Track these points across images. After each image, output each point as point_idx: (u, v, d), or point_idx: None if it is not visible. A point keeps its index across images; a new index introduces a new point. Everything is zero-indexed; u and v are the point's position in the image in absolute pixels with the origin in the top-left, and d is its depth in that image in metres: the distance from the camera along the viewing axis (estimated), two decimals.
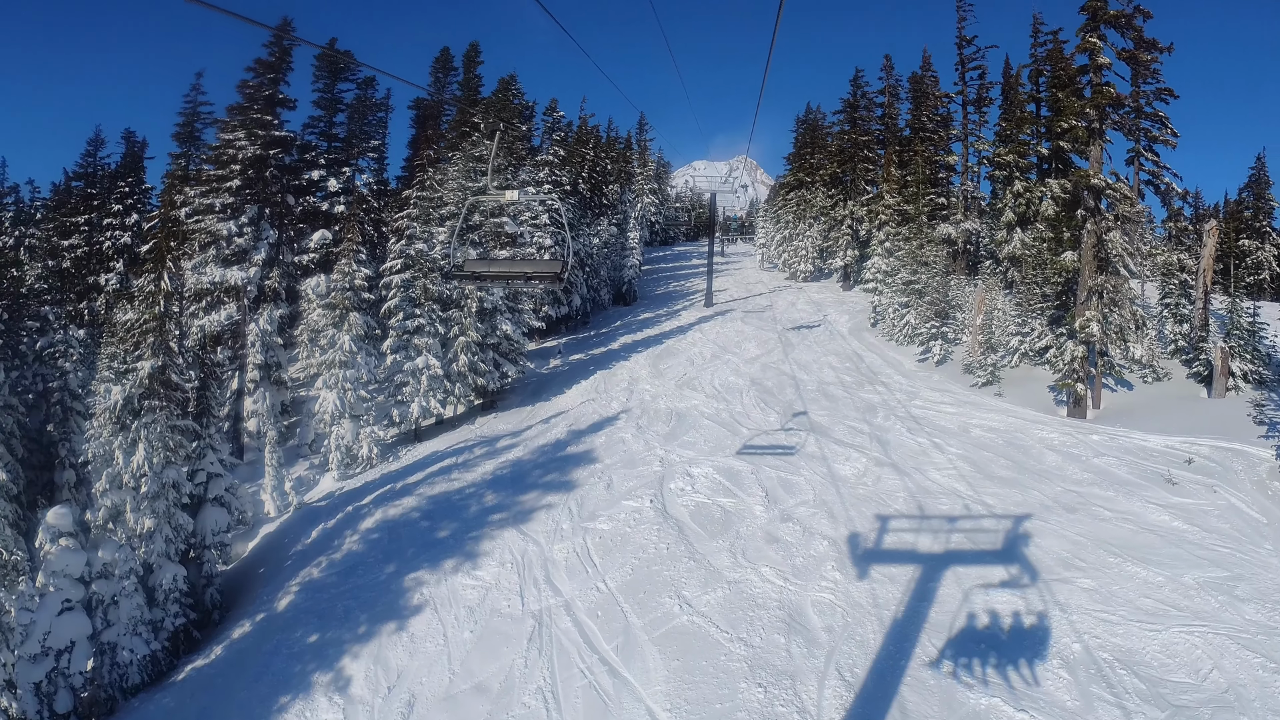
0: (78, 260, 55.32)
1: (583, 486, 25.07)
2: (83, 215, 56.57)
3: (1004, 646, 14.53)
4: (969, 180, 53.19)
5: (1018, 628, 15.09)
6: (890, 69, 69.38)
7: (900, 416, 29.06)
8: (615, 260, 70.71)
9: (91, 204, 57.09)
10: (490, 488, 26.62)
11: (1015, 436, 26.19)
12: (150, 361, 24.26)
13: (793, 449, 25.87)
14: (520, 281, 12.47)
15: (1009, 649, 14.45)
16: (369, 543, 24.91)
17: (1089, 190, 27.73)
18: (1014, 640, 14.72)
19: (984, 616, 15.50)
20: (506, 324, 38.03)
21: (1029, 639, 14.70)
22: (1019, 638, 14.79)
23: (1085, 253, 27.98)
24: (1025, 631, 14.98)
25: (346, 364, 34.15)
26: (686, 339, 49.06)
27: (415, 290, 36.19)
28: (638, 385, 38.31)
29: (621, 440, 29.36)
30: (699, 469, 24.94)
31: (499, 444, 31.96)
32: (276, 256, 46.97)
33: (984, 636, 14.85)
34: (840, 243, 68.46)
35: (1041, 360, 32.98)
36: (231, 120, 48.30)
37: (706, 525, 20.94)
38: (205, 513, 26.24)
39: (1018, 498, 21.09)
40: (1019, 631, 14.99)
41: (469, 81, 52.96)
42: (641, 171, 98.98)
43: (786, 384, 35.52)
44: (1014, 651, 14.35)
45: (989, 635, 14.88)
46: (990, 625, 15.19)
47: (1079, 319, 27.87)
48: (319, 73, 54.05)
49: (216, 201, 46.03)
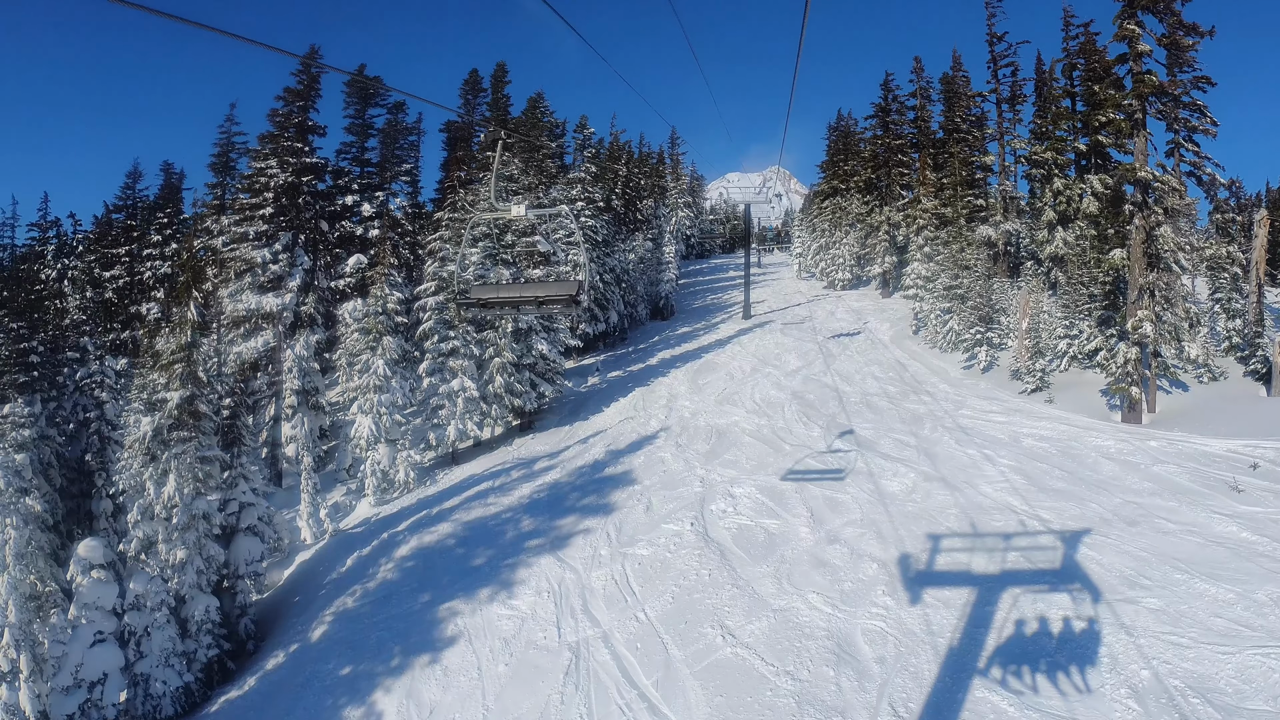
0: (120, 290, 56.29)
1: (621, 509, 24.42)
2: (123, 246, 57.64)
3: (1067, 674, 13.61)
4: (1006, 180, 51.88)
5: (1081, 654, 14.15)
6: (920, 71, 68.50)
7: (948, 427, 28.07)
8: (651, 275, 70.14)
9: (132, 235, 58.20)
10: (527, 512, 26.05)
11: (1069, 445, 25.11)
12: (179, 392, 24.07)
13: (841, 472, 24.59)
14: (532, 307, 11.07)
15: (1072, 677, 13.53)
16: (404, 571, 24.44)
17: (1135, 184, 26.63)
18: (1078, 668, 13.79)
19: (1045, 642, 14.59)
20: (542, 344, 37.55)
21: (1094, 666, 13.77)
22: (1083, 665, 13.85)
23: (1134, 249, 26.86)
24: (1090, 658, 14.05)
25: (381, 388, 33.85)
26: (725, 353, 48.29)
27: (449, 312, 35.83)
28: (676, 402, 37.62)
29: (661, 460, 28.68)
30: (741, 489, 24.19)
31: (536, 466, 31.42)
32: (312, 282, 47.09)
33: (1046, 664, 13.93)
34: (877, 249, 67.42)
35: (1091, 363, 31.80)
36: (263, 149, 48.71)
37: (750, 549, 20.16)
38: (238, 542, 26.00)
39: (1075, 511, 20.07)
40: (1083, 658, 14.05)
41: (497, 101, 52.88)
42: (675, 185, 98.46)
43: (829, 397, 34.63)
44: (1078, 680, 13.43)
45: (1051, 662, 13.96)
46: (1052, 651, 14.27)
47: (1130, 319, 26.75)
48: (349, 99, 54.43)
49: (250, 229, 46.29)
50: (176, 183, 63.97)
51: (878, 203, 69.96)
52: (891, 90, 70.69)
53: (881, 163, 70.42)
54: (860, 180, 73.30)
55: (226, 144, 61.01)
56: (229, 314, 44.49)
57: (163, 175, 63.67)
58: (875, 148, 72.04)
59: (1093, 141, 42.18)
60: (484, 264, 37.40)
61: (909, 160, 69.78)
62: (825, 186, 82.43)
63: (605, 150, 75.77)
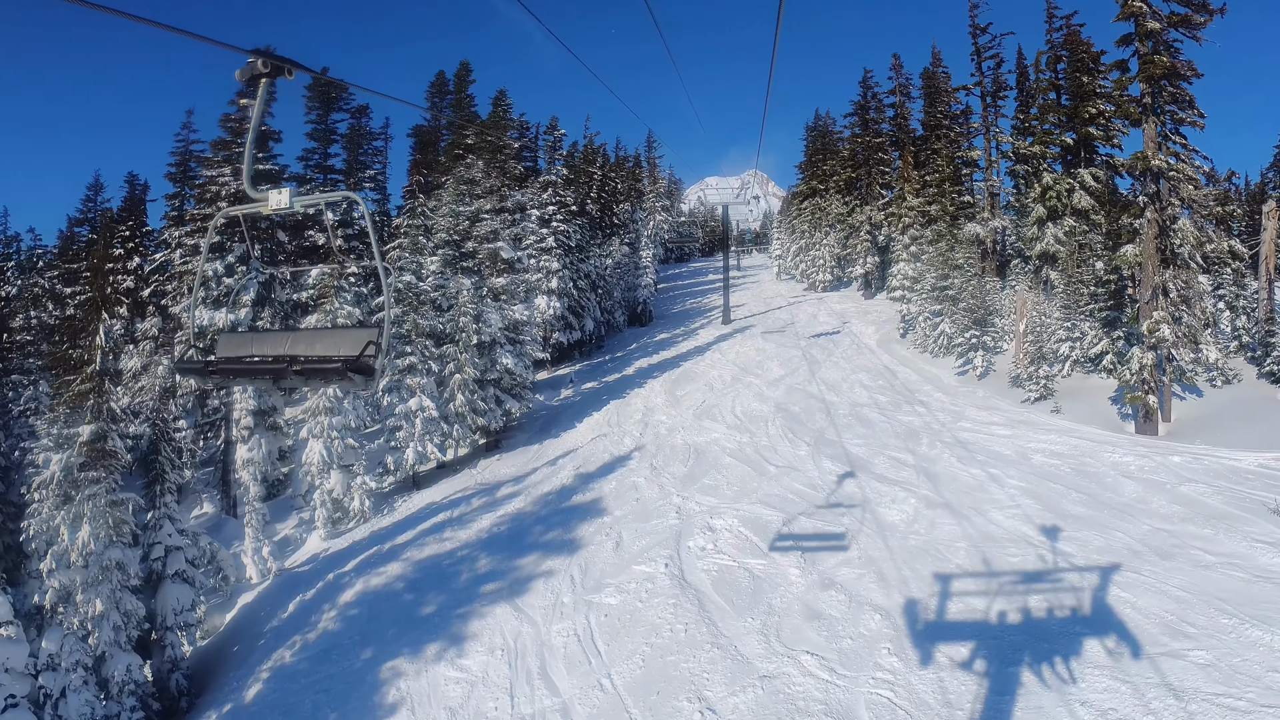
0: (82, 306, 53.74)
1: (588, 547, 21.80)
2: (84, 261, 55.02)
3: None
4: (993, 175, 49.85)
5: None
6: (900, 68, 67.27)
7: (947, 443, 25.65)
8: (629, 280, 68.35)
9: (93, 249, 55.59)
10: (485, 549, 23.42)
11: (1083, 462, 22.73)
12: (89, 427, 21.36)
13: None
14: (299, 378, 6.82)
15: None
16: (347, 620, 21.82)
17: (1148, 174, 24.33)
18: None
19: (1083, 713, 12.19)
20: (507, 358, 34.93)
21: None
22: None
23: (1146, 245, 24.57)
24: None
25: (331, 410, 31.22)
26: (705, 361, 45.88)
27: (407, 325, 33.18)
28: (653, 416, 35.14)
29: (633, 485, 26.10)
30: (721, 520, 21.59)
31: (499, 493, 28.82)
32: (268, 295, 44.59)
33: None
34: (859, 249, 65.58)
35: (1097, 368, 29.57)
36: (215, 156, 46.08)
37: (732, 597, 17.55)
38: (165, 591, 23.33)
39: (1099, 542, 17.68)
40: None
41: (461, 101, 50.24)
42: (652, 189, 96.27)
43: (815, 408, 32.22)
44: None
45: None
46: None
47: (1145, 321, 24.44)
48: (311, 103, 51.76)
49: (201, 241, 43.65)
50: (141, 194, 61.09)
51: (858, 202, 68.44)
52: (871, 88, 69.39)
53: (861, 162, 68.73)
54: (840, 180, 71.78)
55: (185, 152, 58.04)
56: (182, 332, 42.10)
57: (127, 187, 61.03)
58: (855, 147, 70.46)
59: (1081, 135, 40.26)
60: (443, 273, 34.80)
61: (889, 159, 68.38)
62: (804, 187, 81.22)
63: (580, 153, 73.93)
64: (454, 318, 33.42)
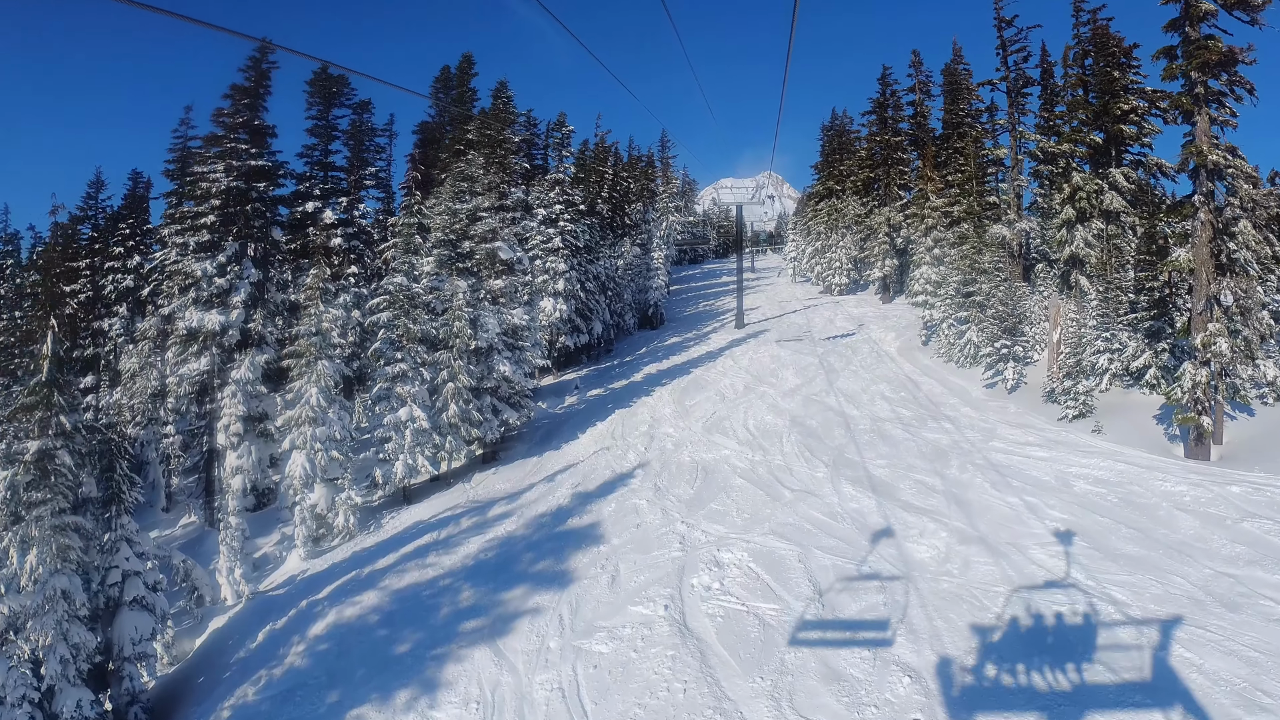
0: (82, 305, 52.30)
1: (581, 580, 19.64)
2: (84, 260, 53.63)
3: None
4: (1019, 175, 47.50)
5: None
6: (919, 65, 65.61)
7: (979, 465, 23.42)
8: (640, 282, 66.66)
9: (93, 247, 54.24)
10: (469, 579, 21.31)
11: (1131, 491, 20.46)
12: (35, 443, 19.40)
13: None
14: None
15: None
16: (315, 656, 19.79)
17: (1204, 170, 22.03)
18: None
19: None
20: (505, 365, 32.85)
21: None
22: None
23: (1199, 249, 22.27)
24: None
25: (315, 420, 29.25)
26: (716, 367, 43.80)
27: (398, 330, 31.17)
28: (659, 429, 33.05)
29: (634, 509, 23.93)
30: (730, 553, 19.40)
31: (491, 512, 26.74)
32: (261, 296, 42.89)
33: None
34: (876, 252, 63.53)
35: (1139, 383, 27.29)
36: (207, 151, 44.37)
37: (739, 649, 15.33)
38: (122, 619, 21.45)
39: (1156, 589, 15.46)
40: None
41: (463, 95, 48.21)
42: (665, 189, 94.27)
43: (834, 422, 30.05)
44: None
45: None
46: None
47: (1200, 334, 22.14)
48: (312, 98, 49.82)
49: (192, 239, 41.98)
50: (143, 191, 59.64)
51: (876, 203, 66.51)
52: (890, 85, 67.66)
53: (880, 161, 66.76)
54: (857, 181, 70.05)
55: (183, 149, 56.49)
56: (174, 334, 40.55)
57: (130, 184, 59.57)
58: (873, 146, 68.33)
59: (1113, 132, 38.04)
60: (438, 274, 32.78)
61: (908, 158, 66.25)
62: (820, 188, 79.73)
63: (591, 152, 72.27)
64: (448, 322, 31.37)
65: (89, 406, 47.01)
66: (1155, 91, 37.51)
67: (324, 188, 48.33)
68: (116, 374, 47.08)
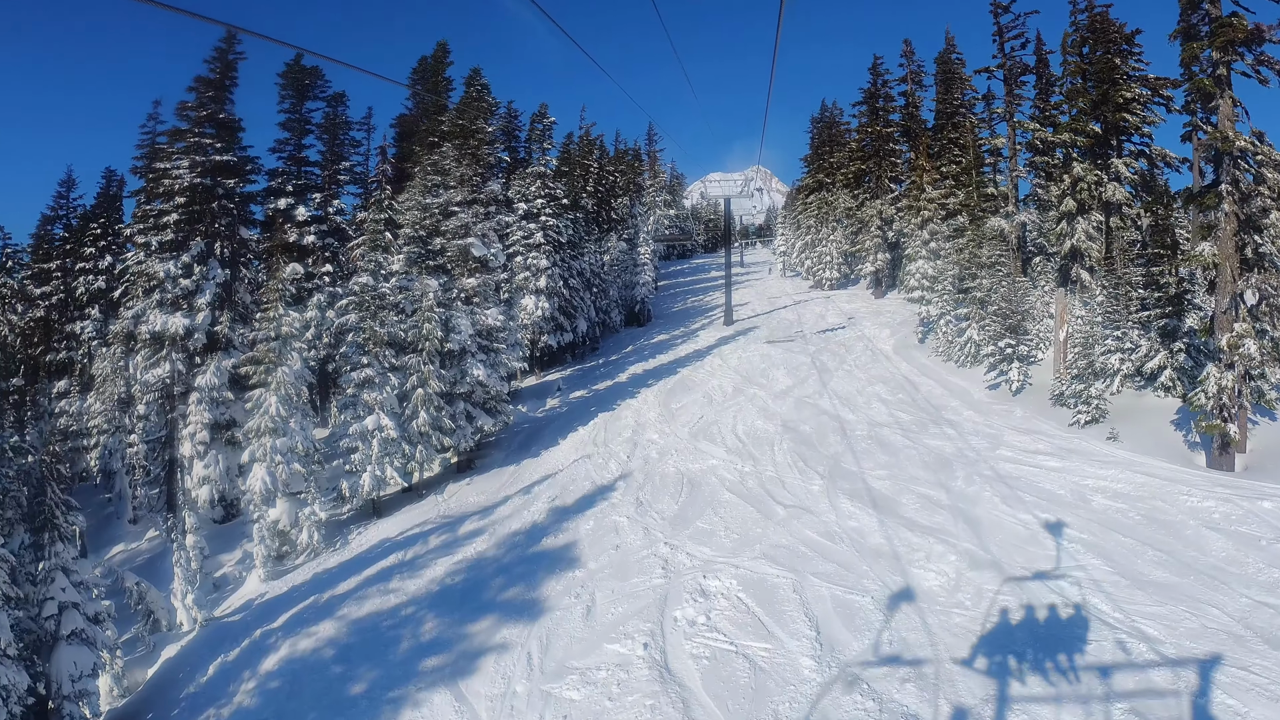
0: (54, 308, 50.47)
1: (554, 612, 17.81)
2: (56, 261, 51.80)
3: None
4: (1017, 165, 45.81)
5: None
6: (911, 54, 63.84)
7: (986, 476, 21.69)
8: (626, 278, 64.99)
9: (65, 248, 52.40)
10: (433, 607, 19.48)
11: (1154, 507, 18.74)
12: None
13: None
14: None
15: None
16: (265, 695, 17.99)
17: (1228, 157, 20.32)
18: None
19: None
20: (479, 369, 30.94)
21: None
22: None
23: (1224, 243, 20.57)
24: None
25: (276, 430, 27.36)
26: (704, 367, 42.03)
27: (364, 334, 29.27)
28: (643, 435, 31.27)
29: (614, 527, 22.11)
30: (717, 581, 17.59)
31: (461, 529, 24.92)
32: (228, 297, 41.06)
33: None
34: (868, 246, 61.78)
35: (1153, 385, 25.61)
36: (170, 147, 42.41)
37: (727, 698, 13.46)
38: (60, 655, 19.56)
39: (1191, 623, 13.78)
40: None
41: (437, 85, 46.18)
42: (653, 183, 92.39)
43: (828, 427, 28.32)
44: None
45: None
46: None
47: (1225, 334, 20.43)
48: (285, 91, 47.86)
49: (154, 240, 40.08)
50: (116, 190, 57.55)
51: (868, 196, 64.65)
52: (881, 74, 65.84)
53: (871, 153, 64.87)
54: (848, 173, 68.51)
55: (151, 145, 54.42)
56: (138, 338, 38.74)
57: (103, 182, 57.41)
58: (864, 137, 66.48)
59: (1114, 121, 36.31)
60: (408, 273, 30.88)
61: (900, 150, 64.56)
62: (810, 181, 78.21)
63: (576, 145, 70.51)
64: (418, 324, 29.47)
65: (62, 413, 45.41)
66: (1158, 79, 35.95)
67: (297, 184, 46.52)
68: (90, 379, 45.30)
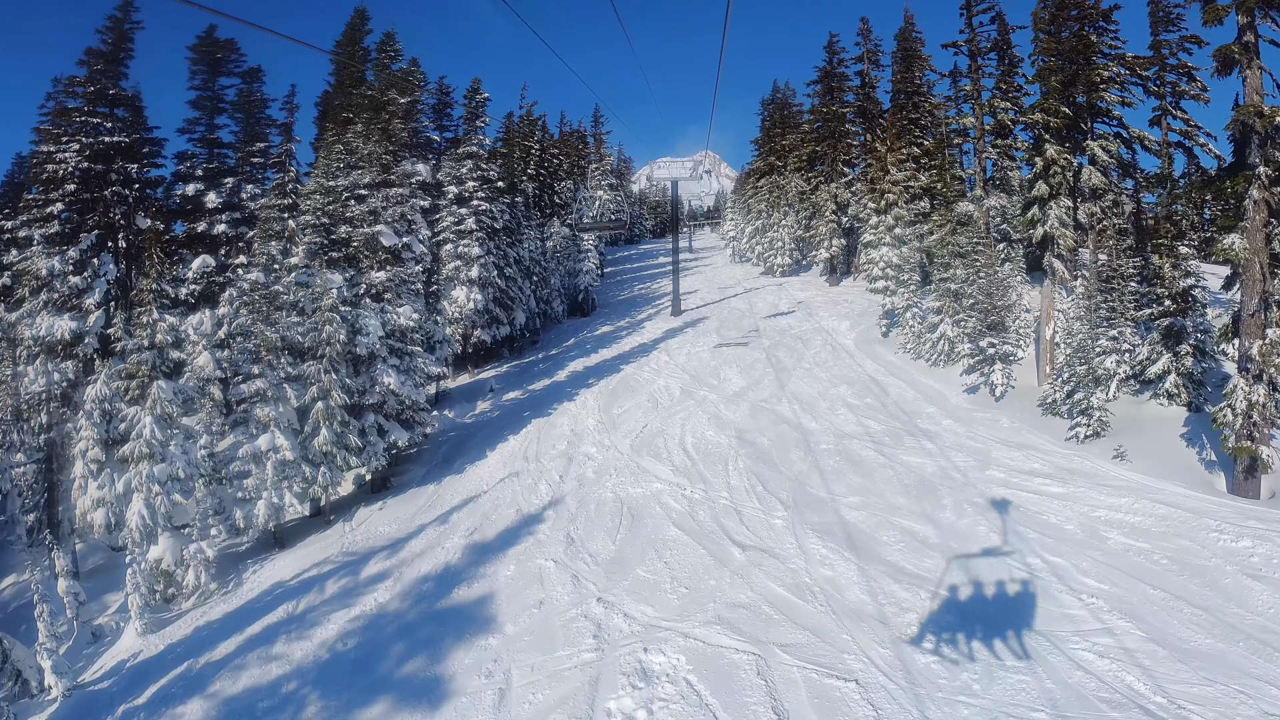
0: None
1: (457, 698, 14.08)
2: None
3: None
4: (985, 146, 42.94)
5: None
6: (868, 33, 60.19)
7: (977, 505, 18.47)
8: (569, 265, 61.55)
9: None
10: (318, 684, 15.70)
11: (1181, 548, 15.63)
12: None
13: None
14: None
15: None
16: None
17: (1258, 135, 17.25)
18: None
19: None
20: (390, 376, 27.09)
21: None
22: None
23: (1253, 235, 17.54)
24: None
25: (153, 455, 23.39)
26: (649, 364, 38.55)
27: (256, 339, 25.29)
28: (579, 447, 27.74)
29: (539, 574, 18.42)
30: (661, 655, 14.00)
31: (364, 571, 21.15)
32: (124, 296, 36.96)
33: None
34: (823, 231, 58.63)
35: (1155, 391, 22.67)
36: (55, 129, 38.01)
37: None
38: None
39: (1247, 709, 10.78)
40: None
41: (353, 54, 41.85)
42: (598, 166, 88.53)
43: (789, 439, 25.00)
44: None
45: None
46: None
47: (1256, 341, 17.41)
48: (195, 67, 43.19)
49: (35, 232, 35.78)
50: (24, 178, 52.69)
51: (821, 180, 61.48)
52: (837, 53, 62.24)
53: (825, 135, 61.63)
54: (800, 156, 65.29)
55: None
56: (20, 342, 34.61)
57: (12, 169, 52.59)
58: (818, 118, 63.22)
59: (1090, 101, 33.56)
60: (308, 267, 26.89)
61: (856, 132, 61.52)
62: (761, 164, 75.36)
63: (517, 124, 66.70)
64: (317, 325, 25.54)
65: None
66: (1136, 58, 33.43)
67: (208, 167, 42.07)
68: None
